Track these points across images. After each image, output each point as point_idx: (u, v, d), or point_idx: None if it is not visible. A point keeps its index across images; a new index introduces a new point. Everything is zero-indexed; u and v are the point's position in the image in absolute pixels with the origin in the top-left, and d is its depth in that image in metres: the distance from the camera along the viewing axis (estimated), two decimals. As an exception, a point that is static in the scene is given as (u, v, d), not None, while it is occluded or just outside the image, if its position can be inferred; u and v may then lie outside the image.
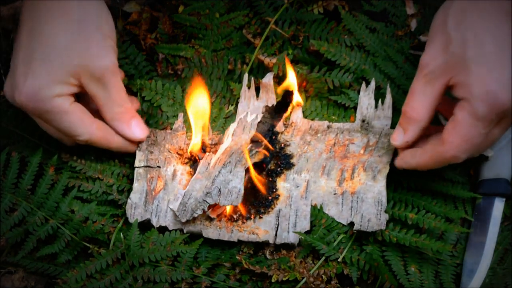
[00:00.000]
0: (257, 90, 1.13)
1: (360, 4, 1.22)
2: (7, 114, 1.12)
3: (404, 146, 0.96)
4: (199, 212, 1.00)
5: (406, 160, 0.96)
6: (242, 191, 1.00)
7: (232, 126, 1.07)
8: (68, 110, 0.94)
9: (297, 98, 1.10)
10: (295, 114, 1.12)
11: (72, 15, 0.92)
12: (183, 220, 1.00)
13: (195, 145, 1.05)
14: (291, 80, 1.08)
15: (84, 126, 0.96)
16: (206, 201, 1.00)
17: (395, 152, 1.02)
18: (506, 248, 1.04)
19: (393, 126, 1.10)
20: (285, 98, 1.10)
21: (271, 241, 1.01)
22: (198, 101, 1.05)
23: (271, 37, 1.19)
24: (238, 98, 1.14)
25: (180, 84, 1.17)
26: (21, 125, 1.11)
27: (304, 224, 1.02)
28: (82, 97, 0.99)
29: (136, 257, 0.99)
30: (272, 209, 1.03)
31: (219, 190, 1.00)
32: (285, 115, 1.11)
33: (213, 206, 1.01)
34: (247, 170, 1.01)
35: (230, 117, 1.13)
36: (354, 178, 1.03)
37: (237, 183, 1.00)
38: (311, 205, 1.03)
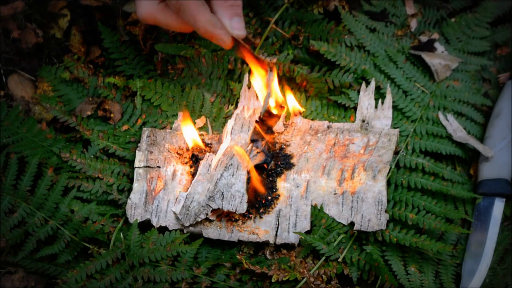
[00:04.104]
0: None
1: (360, 4, 1.22)
2: (7, 114, 1.11)
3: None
4: (202, 216, 1.00)
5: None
6: (246, 196, 1.00)
7: (230, 123, 1.07)
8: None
9: (293, 105, 1.10)
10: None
11: None
12: (186, 224, 1.00)
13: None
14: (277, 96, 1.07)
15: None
16: (210, 206, 1.00)
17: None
18: (506, 248, 1.04)
19: (393, 126, 1.10)
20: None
21: (271, 241, 1.01)
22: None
23: (271, 37, 1.19)
24: (238, 98, 1.13)
25: (180, 83, 1.17)
26: (22, 124, 1.11)
27: (304, 224, 1.02)
28: None
29: (136, 257, 0.99)
30: (272, 209, 1.03)
31: (222, 194, 1.00)
32: (283, 115, 1.10)
33: (216, 210, 1.01)
34: (248, 171, 1.01)
35: (230, 117, 1.13)
36: (354, 178, 1.03)
37: (240, 187, 1.00)
38: (311, 205, 1.03)
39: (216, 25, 0.94)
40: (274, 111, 1.04)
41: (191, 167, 1.07)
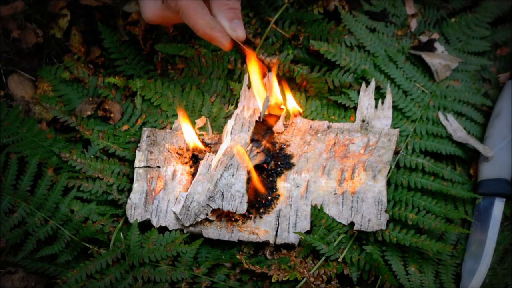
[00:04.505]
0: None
1: (360, 4, 1.22)
2: (7, 114, 1.11)
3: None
4: (202, 216, 1.00)
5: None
6: (246, 196, 1.00)
7: (230, 123, 1.07)
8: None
9: (293, 106, 1.10)
10: (295, 114, 1.12)
11: None
12: (186, 224, 1.01)
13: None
14: (277, 97, 1.06)
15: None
16: (210, 206, 1.00)
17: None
18: (506, 248, 1.04)
19: (393, 126, 1.10)
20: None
21: (271, 241, 1.01)
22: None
23: (271, 37, 1.19)
24: (238, 98, 1.13)
25: (180, 83, 1.17)
26: (22, 124, 1.11)
27: (304, 224, 1.02)
28: None
29: (136, 257, 0.99)
30: (272, 209, 1.03)
31: (222, 194, 1.00)
32: (283, 115, 1.10)
33: (215, 210, 1.01)
34: (248, 171, 1.01)
35: (230, 117, 1.13)
36: (354, 178, 1.03)
37: (240, 187, 1.00)
38: (311, 205, 1.03)
39: (215, 27, 0.94)
40: (274, 112, 1.04)
41: (191, 167, 1.07)
